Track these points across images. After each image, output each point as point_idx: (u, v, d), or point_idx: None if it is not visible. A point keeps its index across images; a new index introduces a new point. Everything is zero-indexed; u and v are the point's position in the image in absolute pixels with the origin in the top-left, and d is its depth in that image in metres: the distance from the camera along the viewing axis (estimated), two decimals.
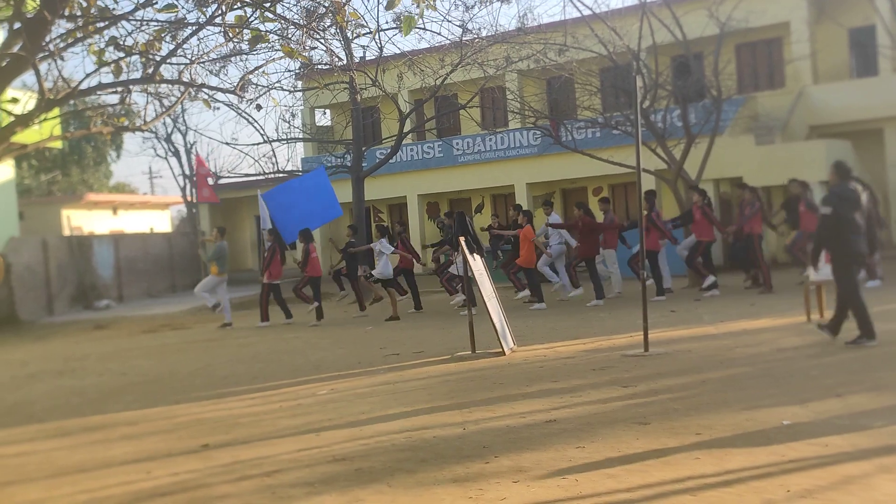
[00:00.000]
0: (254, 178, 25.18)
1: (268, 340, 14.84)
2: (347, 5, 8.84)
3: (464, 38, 20.32)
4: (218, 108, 18.73)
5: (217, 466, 6.60)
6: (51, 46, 7.86)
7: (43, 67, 8.13)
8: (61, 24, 7.91)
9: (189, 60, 9.63)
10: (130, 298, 27.46)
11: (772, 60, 26.09)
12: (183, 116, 34.29)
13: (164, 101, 12.08)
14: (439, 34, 32.15)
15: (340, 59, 18.69)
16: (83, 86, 8.57)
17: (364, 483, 5.83)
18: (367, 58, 21.83)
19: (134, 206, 38.06)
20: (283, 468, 6.36)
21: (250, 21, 8.27)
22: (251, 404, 9.10)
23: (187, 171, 35.44)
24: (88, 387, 11.22)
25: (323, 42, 13.36)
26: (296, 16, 11.35)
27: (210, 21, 8.44)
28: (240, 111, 22.03)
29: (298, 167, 29.14)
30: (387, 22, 29.96)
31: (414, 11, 8.21)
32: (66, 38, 8.00)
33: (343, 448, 6.79)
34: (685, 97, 19.44)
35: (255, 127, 33.22)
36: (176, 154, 35.92)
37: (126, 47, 8.20)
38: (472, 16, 27.48)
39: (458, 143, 28.46)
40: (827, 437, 6.05)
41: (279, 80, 25.69)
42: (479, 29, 20.89)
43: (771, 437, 6.14)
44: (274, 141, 23.61)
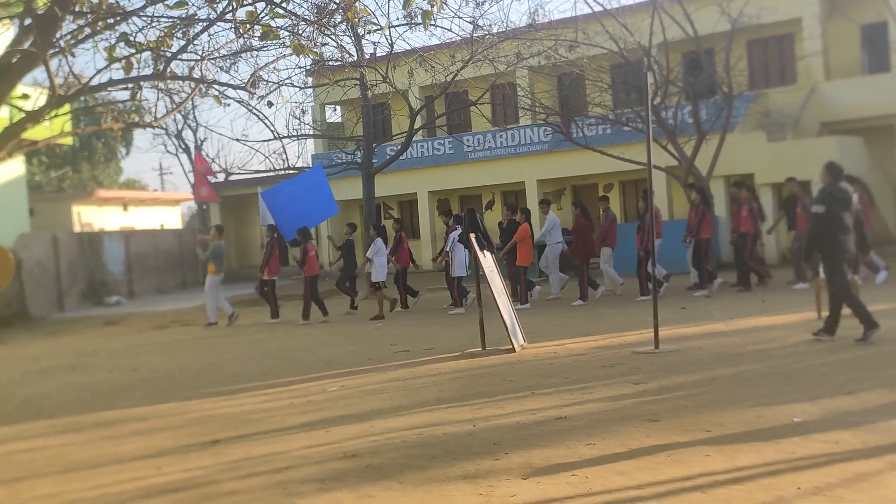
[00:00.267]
0: (264, 174, 25.22)
1: (278, 337, 14.86)
2: (358, 1, 8.82)
3: (474, 35, 20.30)
4: (228, 104, 18.80)
5: (227, 462, 6.61)
6: (61, 43, 7.88)
7: (53, 64, 8.14)
8: (72, 20, 7.92)
9: (200, 57, 9.65)
10: (141, 295, 27.56)
11: (783, 57, 26.01)
12: (193, 113, 34.44)
13: (175, 98, 12.09)
14: (450, 30, 32.17)
15: (351, 56, 18.71)
16: (94, 82, 8.59)
17: (374, 479, 5.83)
18: (378, 54, 21.85)
19: (144, 202, 38.14)
20: (293, 464, 6.37)
21: (261, 17, 8.27)
22: (262, 401, 9.12)
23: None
24: (99, 383, 11.25)
25: (334, 38, 13.38)
26: (307, 12, 11.37)
27: (221, 17, 8.44)
28: (250, 108, 22.10)
29: (309, 164, 29.22)
30: (397, 18, 29.90)
31: (427, 7, 8.18)
32: (76, 35, 8.01)
33: (353, 444, 6.80)
34: (696, 94, 19.41)
35: (266, 123, 33.34)
36: (186, 150, 36.04)
37: (137, 44, 8.21)
38: (482, 12, 27.37)
39: (468, 140, 28.45)
40: (837, 434, 6.03)
41: (290, 77, 25.80)
42: (490, 25, 20.94)
43: (781, 435, 6.12)
44: (284, 137, 23.66)
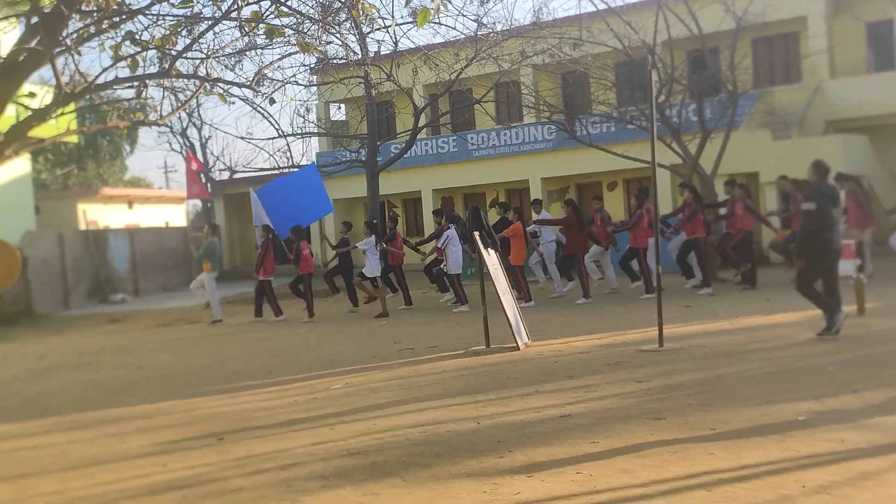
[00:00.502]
0: (269, 172, 25.23)
1: (282, 335, 14.87)
2: (363, 0, 8.83)
3: (479, 33, 20.29)
4: (233, 102, 18.84)
5: (232, 460, 6.63)
6: (68, 41, 7.89)
7: (60, 62, 8.17)
8: (78, 18, 7.93)
9: (205, 55, 9.66)
10: (146, 292, 27.59)
11: (788, 55, 25.96)
12: (198, 111, 34.35)
13: (180, 96, 12.10)
14: (454, 28, 32.12)
15: (355, 54, 18.70)
16: (100, 80, 8.60)
17: (379, 477, 5.84)
18: (382, 52, 21.84)
19: (149, 200, 38.18)
20: (298, 462, 6.39)
21: (266, 16, 8.28)
22: (266, 398, 9.13)
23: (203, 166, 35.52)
24: (104, 380, 11.28)
25: (338, 37, 13.38)
26: (311, 10, 11.37)
27: (226, 16, 8.45)
28: (255, 106, 22.11)
29: (314, 161, 29.24)
30: (402, 17, 29.86)
31: (429, 5, 8.19)
32: (82, 34, 8.03)
33: (358, 442, 6.81)
34: (701, 92, 19.37)
35: (270, 121, 33.37)
36: (191, 148, 35.99)
37: (142, 42, 8.22)
38: (487, 10, 27.39)
39: (472, 138, 28.43)
40: (843, 433, 6.03)
41: (294, 75, 25.79)
42: (494, 23, 20.88)
43: (786, 433, 6.12)
44: (289, 135, 23.67)
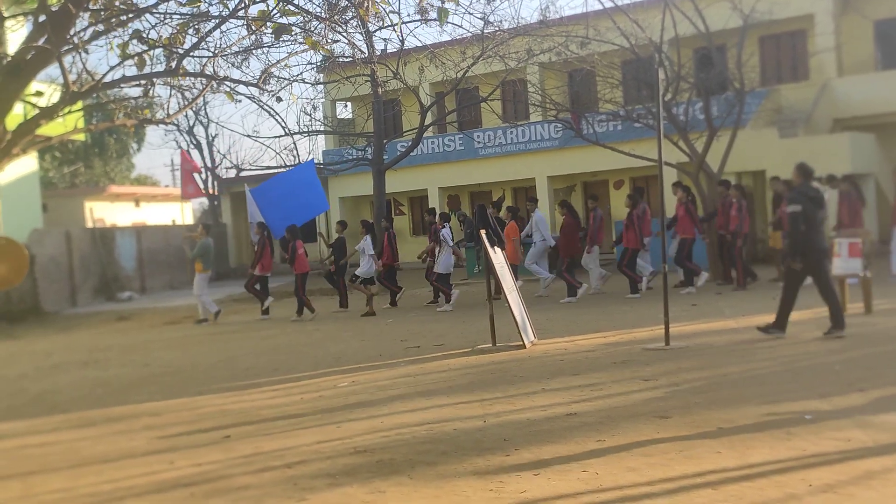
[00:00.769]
0: (275, 170, 25.25)
1: (289, 333, 14.89)
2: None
3: (485, 31, 20.29)
4: (240, 100, 18.84)
5: (239, 457, 6.64)
6: (75, 39, 7.92)
7: (67, 60, 8.19)
8: (85, 17, 7.96)
9: (212, 53, 9.68)
10: (153, 290, 27.63)
11: (796, 53, 25.88)
12: (205, 109, 34.42)
13: (187, 94, 12.12)
14: (461, 27, 32.17)
15: (362, 52, 18.72)
16: (107, 79, 8.63)
17: (385, 475, 5.85)
18: (389, 50, 21.85)
19: (156, 198, 38.25)
20: (304, 459, 6.40)
21: (273, 14, 8.29)
22: (273, 396, 9.15)
23: (209, 164, 35.58)
24: (112, 378, 11.31)
25: (345, 35, 13.39)
26: (317, 8, 11.39)
27: (233, 14, 8.47)
28: (261, 104, 22.12)
29: (320, 160, 29.27)
30: (408, 15, 29.91)
31: (441, 3, 8.20)
32: (91, 33, 8.05)
33: (364, 440, 6.82)
34: (708, 90, 19.34)
35: (277, 119, 33.38)
36: (198, 146, 36.04)
37: (150, 40, 8.25)
38: (493, 8, 27.39)
39: (479, 136, 28.43)
40: (849, 432, 6.03)
41: (301, 73, 25.83)
42: (501, 21, 20.88)
43: (792, 432, 6.12)
44: (295, 133, 23.70)
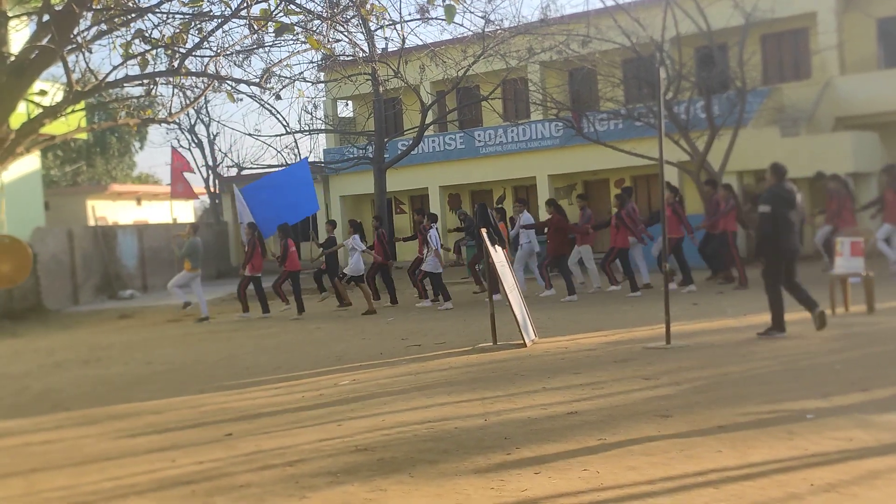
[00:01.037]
0: (276, 169, 25.26)
1: (290, 331, 14.91)
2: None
3: (486, 30, 20.30)
4: (241, 99, 18.81)
5: (240, 455, 6.65)
6: (78, 39, 7.93)
7: (70, 60, 8.20)
8: (89, 16, 7.97)
9: (214, 53, 9.69)
10: (154, 288, 27.60)
11: (798, 51, 25.86)
12: (206, 107, 34.36)
13: (189, 93, 12.12)
14: (462, 25, 32.11)
15: (363, 51, 18.73)
16: (110, 78, 8.64)
17: (386, 473, 5.86)
18: (390, 49, 21.86)
19: (158, 196, 38.20)
20: (305, 458, 6.41)
21: (274, 13, 8.30)
22: (274, 394, 9.16)
23: (210, 163, 35.55)
24: (114, 375, 11.32)
25: (346, 34, 13.39)
26: (319, 7, 11.38)
27: (235, 14, 8.48)
28: (263, 102, 22.14)
29: (321, 158, 29.28)
30: (409, 14, 29.90)
31: (444, 1, 8.21)
32: (94, 32, 8.07)
33: (365, 438, 6.83)
34: (709, 88, 19.35)
35: (278, 118, 33.30)
36: (199, 145, 36.00)
37: (152, 40, 8.26)
38: (494, 6, 27.37)
39: (479, 135, 28.42)
40: (851, 431, 6.03)
41: (302, 72, 25.82)
42: (502, 20, 20.92)
43: (794, 431, 6.13)
44: (296, 132, 23.71)
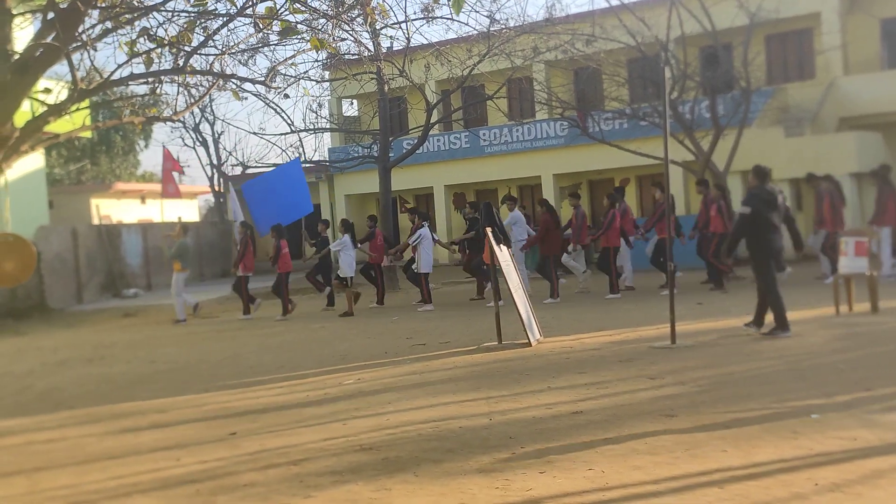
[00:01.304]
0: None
1: (294, 330, 14.92)
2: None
3: (491, 29, 20.28)
4: (246, 97, 18.75)
5: (244, 454, 6.65)
6: (83, 37, 7.93)
7: (75, 58, 8.20)
8: (94, 14, 7.97)
9: (219, 51, 9.69)
10: (158, 287, 27.61)
11: (802, 51, 25.84)
12: (211, 106, 34.36)
13: (193, 92, 12.13)
14: (467, 24, 32.14)
15: (368, 50, 18.73)
16: (114, 76, 8.64)
17: (391, 472, 5.86)
18: (395, 48, 21.84)
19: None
20: (309, 457, 6.41)
21: (280, 12, 8.30)
22: (278, 393, 9.17)
23: (215, 161, 35.57)
24: (117, 374, 11.33)
25: (351, 33, 13.39)
26: (324, 5, 11.38)
27: (241, 12, 8.48)
28: (267, 101, 22.11)
29: (325, 157, 29.28)
30: (414, 12, 29.89)
31: None
32: (99, 30, 8.07)
33: (370, 437, 6.83)
34: (714, 88, 19.33)
35: (283, 117, 33.30)
36: (204, 144, 36.00)
37: (157, 38, 8.26)
38: (499, 6, 27.35)
39: (484, 134, 28.41)
40: (855, 431, 6.02)
41: (307, 71, 25.80)
42: (507, 19, 20.87)
43: (798, 431, 6.11)
44: (301, 131, 23.68)
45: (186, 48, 8.65)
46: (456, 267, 22.23)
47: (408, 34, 20.49)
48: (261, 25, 8.62)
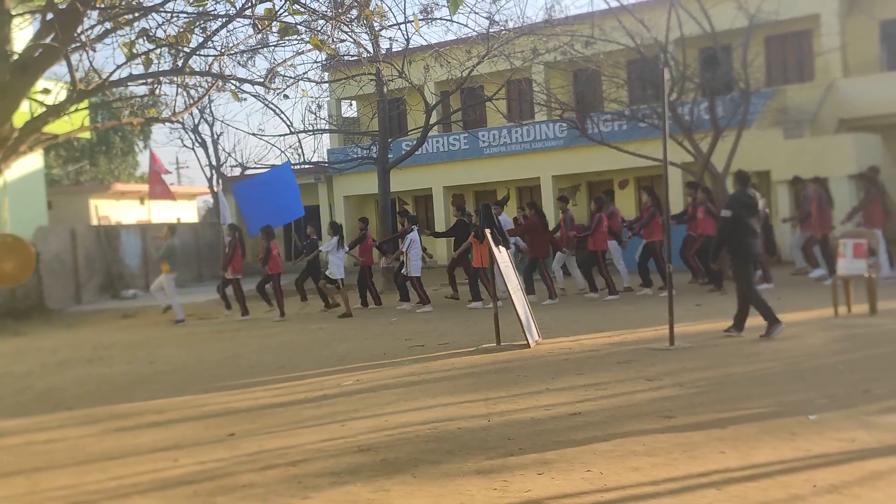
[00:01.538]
0: None
1: (293, 331, 14.92)
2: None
3: (490, 30, 20.29)
4: (245, 98, 18.75)
5: (243, 455, 6.66)
6: (82, 38, 7.93)
7: (74, 58, 8.20)
8: (93, 15, 7.97)
9: (218, 52, 9.69)
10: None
11: (801, 53, 25.85)
12: (210, 107, 34.33)
13: (192, 92, 12.13)
14: (466, 26, 32.12)
15: (368, 51, 18.73)
16: (114, 77, 8.64)
17: (389, 473, 5.86)
18: (394, 49, 21.85)
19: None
20: (308, 458, 6.41)
21: (279, 13, 8.30)
22: (277, 394, 9.17)
23: (214, 162, 35.53)
24: (116, 375, 11.33)
25: (350, 34, 13.39)
26: (323, 6, 11.39)
27: (240, 13, 8.48)
28: (267, 102, 22.12)
29: (325, 158, 29.28)
30: (413, 14, 29.88)
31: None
32: (98, 31, 8.07)
33: (368, 438, 6.83)
34: (713, 90, 19.31)
35: (282, 118, 33.27)
36: (203, 145, 35.96)
37: (156, 39, 8.26)
38: (499, 7, 27.36)
39: (483, 136, 28.41)
40: (853, 432, 6.03)
41: (306, 72, 25.79)
42: (506, 20, 20.88)
43: (797, 432, 6.12)
44: (300, 132, 23.68)
45: (185, 49, 8.65)
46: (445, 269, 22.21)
47: (407, 35, 20.53)
48: (260, 26, 8.62)
